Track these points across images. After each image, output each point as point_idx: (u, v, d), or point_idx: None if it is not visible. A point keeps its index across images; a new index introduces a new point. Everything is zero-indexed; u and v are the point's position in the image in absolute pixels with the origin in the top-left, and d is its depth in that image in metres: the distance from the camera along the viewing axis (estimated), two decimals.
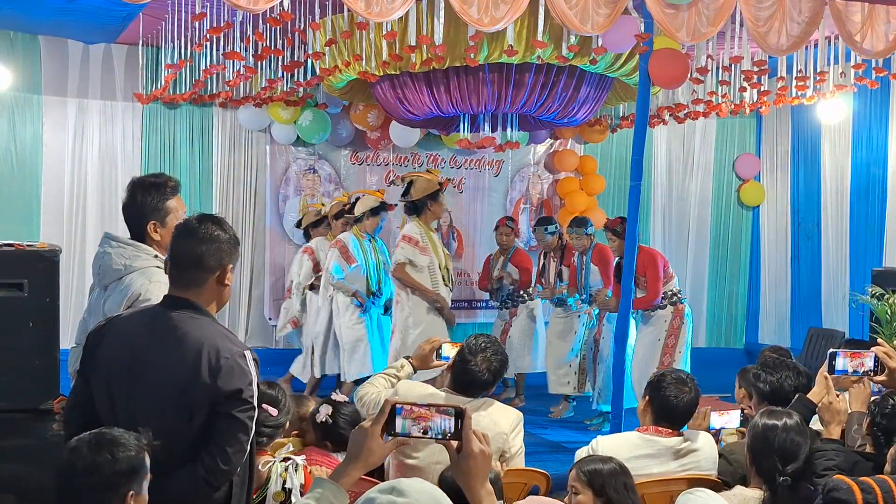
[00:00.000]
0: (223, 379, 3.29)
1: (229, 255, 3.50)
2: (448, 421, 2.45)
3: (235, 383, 3.30)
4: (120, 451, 2.97)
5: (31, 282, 6.48)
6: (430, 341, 5.03)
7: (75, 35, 10.12)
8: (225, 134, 11.10)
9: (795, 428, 4.12)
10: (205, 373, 3.29)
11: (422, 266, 8.77)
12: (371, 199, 9.48)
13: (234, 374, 3.31)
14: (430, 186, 8.88)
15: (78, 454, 2.98)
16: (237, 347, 3.39)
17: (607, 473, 3.87)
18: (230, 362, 3.32)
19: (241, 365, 3.34)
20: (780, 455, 4.08)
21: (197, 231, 3.49)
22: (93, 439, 3.01)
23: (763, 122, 12.63)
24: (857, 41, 7.33)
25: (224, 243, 3.49)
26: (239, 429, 3.30)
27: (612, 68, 8.43)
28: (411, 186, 8.95)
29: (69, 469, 2.98)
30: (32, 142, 10.30)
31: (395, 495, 2.13)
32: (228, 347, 3.35)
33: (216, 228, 3.50)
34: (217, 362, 3.30)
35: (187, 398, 3.31)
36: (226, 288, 3.53)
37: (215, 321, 3.49)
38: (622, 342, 7.58)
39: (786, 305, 12.44)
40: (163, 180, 4.49)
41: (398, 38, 7.44)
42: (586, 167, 12.10)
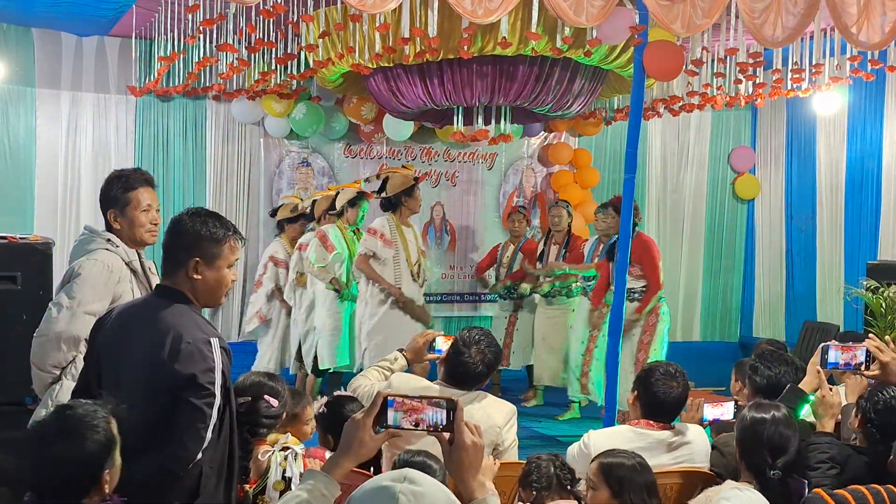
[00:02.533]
0: (181, 363, 3.35)
1: (197, 248, 3.55)
2: (440, 413, 2.46)
3: (191, 368, 3.35)
4: (88, 434, 2.93)
5: (24, 274, 6.49)
6: (423, 334, 5.03)
7: (68, 28, 10.11)
8: (218, 127, 11.10)
9: (784, 421, 4.10)
10: (166, 357, 3.37)
11: (385, 259, 8.74)
12: (349, 191, 9.49)
13: (193, 360, 3.36)
14: (406, 182, 8.87)
15: (47, 444, 2.95)
16: (203, 334, 3.43)
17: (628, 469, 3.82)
18: (190, 347, 3.37)
19: (203, 351, 3.39)
20: (769, 448, 4.06)
21: (173, 224, 3.61)
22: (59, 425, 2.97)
23: (758, 114, 12.63)
24: (852, 33, 7.30)
25: (191, 236, 3.55)
26: (194, 415, 3.33)
27: (606, 60, 8.41)
28: (386, 183, 8.93)
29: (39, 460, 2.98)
30: (26, 134, 10.30)
31: (409, 483, 2.13)
32: (193, 333, 3.41)
33: (191, 222, 3.57)
34: (178, 346, 3.37)
35: (152, 382, 3.40)
36: (195, 281, 3.56)
37: (194, 310, 3.55)
38: (616, 334, 7.55)
39: (780, 299, 12.45)
40: (128, 172, 4.70)
41: (391, 30, 7.42)
42: (580, 160, 12.10)
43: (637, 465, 3.87)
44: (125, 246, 4.56)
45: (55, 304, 4.51)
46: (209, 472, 3.42)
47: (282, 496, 3.67)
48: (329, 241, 9.18)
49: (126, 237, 4.59)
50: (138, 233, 4.60)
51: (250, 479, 4.05)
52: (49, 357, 4.49)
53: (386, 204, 8.95)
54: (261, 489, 4.02)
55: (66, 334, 4.43)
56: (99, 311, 4.26)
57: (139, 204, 4.58)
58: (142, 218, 4.59)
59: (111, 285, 4.46)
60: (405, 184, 8.85)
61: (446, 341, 4.83)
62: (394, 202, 8.85)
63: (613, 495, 3.81)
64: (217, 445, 3.45)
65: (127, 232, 4.59)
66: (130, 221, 4.58)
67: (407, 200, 8.86)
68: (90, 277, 4.45)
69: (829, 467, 4.15)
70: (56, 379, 4.53)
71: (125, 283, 4.51)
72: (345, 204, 9.37)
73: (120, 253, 4.53)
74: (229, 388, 3.55)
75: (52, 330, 4.46)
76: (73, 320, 4.41)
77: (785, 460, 4.05)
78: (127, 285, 4.51)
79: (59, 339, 4.45)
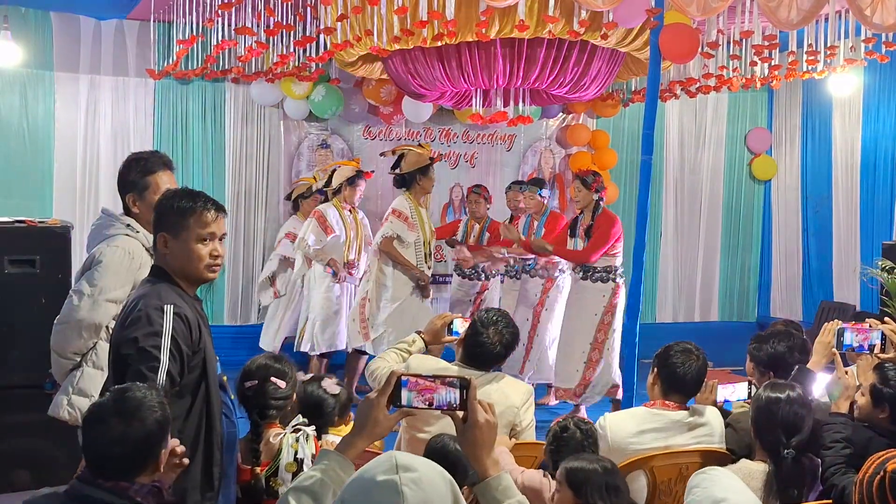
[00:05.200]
0: (128, 328, 3.45)
1: (162, 224, 3.69)
2: (453, 392, 2.49)
3: (134, 331, 3.42)
4: (147, 414, 3.00)
5: (43, 258, 6.51)
6: (441, 316, 5.05)
7: (87, 11, 10.14)
8: (237, 109, 11.10)
9: (798, 400, 4.16)
10: (120, 324, 3.52)
11: (409, 242, 8.74)
12: (347, 169, 9.46)
13: (138, 324, 3.43)
14: (421, 160, 8.85)
15: (106, 425, 2.99)
16: (159, 301, 3.49)
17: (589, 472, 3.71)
18: (139, 312, 3.45)
19: (151, 315, 3.44)
20: (784, 428, 4.11)
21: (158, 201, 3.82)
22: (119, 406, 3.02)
23: (774, 96, 12.60)
24: (867, 15, 7.28)
25: (160, 212, 3.71)
26: (135, 379, 3.28)
27: (623, 43, 8.41)
28: (402, 159, 8.92)
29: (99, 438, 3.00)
30: (44, 118, 10.32)
31: (403, 471, 2.10)
32: (148, 301, 3.49)
33: (161, 198, 3.77)
34: (130, 312, 3.48)
35: (113, 352, 3.55)
36: (167, 255, 3.66)
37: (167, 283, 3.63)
38: (634, 315, 7.56)
39: (797, 279, 12.45)
40: (147, 156, 4.68)
41: (409, 12, 7.44)
42: (598, 141, 12.09)
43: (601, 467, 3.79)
44: (145, 231, 4.54)
45: (76, 291, 4.52)
46: None
47: (294, 477, 3.73)
48: (328, 222, 9.17)
49: (145, 221, 4.54)
50: None
51: (261, 462, 4.08)
52: (70, 344, 4.52)
53: (400, 181, 8.94)
54: (273, 471, 4.04)
55: (86, 322, 4.46)
56: (120, 298, 4.29)
57: (158, 188, 4.53)
58: None
59: (133, 271, 4.46)
60: (420, 162, 8.83)
61: (464, 323, 4.88)
62: (408, 180, 8.85)
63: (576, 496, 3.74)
64: (188, 419, 3.48)
65: (146, 216, 4.53)
66: (150, 205, 4.47)
67: (421, 179, 8.85)
68: (112, 264, 4.46)
69: (842, 447, 4.19)
70: (77, 365, 4.56)
71: (146, 269, 4.41)
72: (343, 182, 9.36)
73: (140, 238, 4.53)
74: (207, 361, 3.59)
75: (73, 317, 4.48)
76: (95, 308, 4.43)
77: (799, 439, 4.10)
78: (147, 271, 4.50)
79: (79, 327, 4.48)
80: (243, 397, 4.25)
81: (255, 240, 11.17)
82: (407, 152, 8.95)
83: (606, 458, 3.90)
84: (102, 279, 4.45)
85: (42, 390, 5.95)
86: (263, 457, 4.10)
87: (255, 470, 4.06)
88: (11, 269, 6.45)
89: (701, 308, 12.86)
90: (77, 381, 4.53)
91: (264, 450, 4.12)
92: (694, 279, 12.78)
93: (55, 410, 4.64)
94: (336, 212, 9.29)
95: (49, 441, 6.15)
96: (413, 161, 8.83)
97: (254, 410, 4.21)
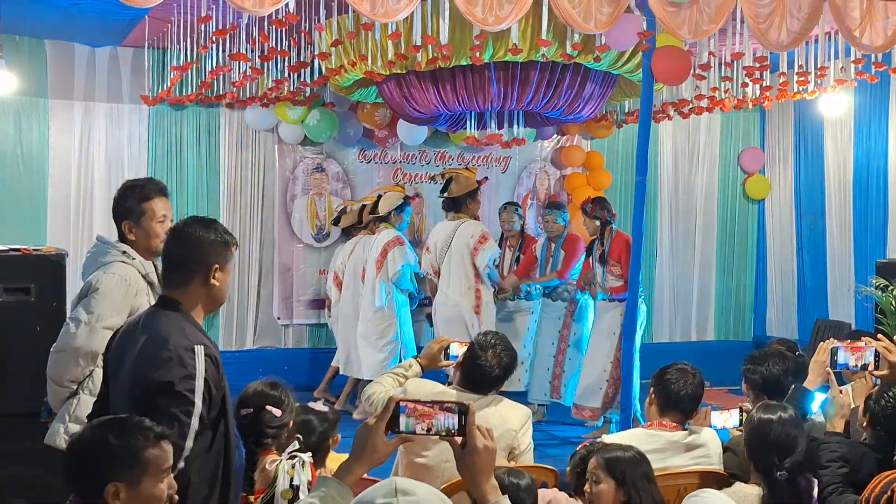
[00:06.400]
0: (159, 371, 3.33)
1: (214, 255, 3.57)
2: (452, 418, 2.48)
3: (168, 375, 3.32)
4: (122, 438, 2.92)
5: (38, 286, 6.51)
6: (438, 340, 5.06)
7: (81, 39, 10.13)
8: (232, 134, 11.09)
9: (791, 421, 4.16)
10: (147, 365, 3.37)
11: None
12: (394, 196, 9.49)
13: (171, 367, 3.33)
14: (470, 184, 9.02)
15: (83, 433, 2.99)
16: (187, 341, 3.40)
17: (628, 461, 3.90)
18: (170, 354, 3.35)
19: (183, 358, 3.35)
20: (777, 449, 4.12)
21: (181, 233, 3.61)
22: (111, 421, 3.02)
23: (766, 116, 12.64)
24: (856, 36, 7.37)
25: (207, 244, 3.56)
26: (169, 424, 3.23)
27: (615, 65, 8.46)
28: (451, 183, 9.00)
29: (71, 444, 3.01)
30: (39, 145, 10.31)
31: (402, 495, 2.13)
32: (177, 341, 3.39)
33: (200, 230, 3.58)
34: (159, 353, 3.36)
35: (136, 390, 3.40)
36: (213, 288, 3.58)
37: (187, 318, 3.53)
38: (630, 336, 7.60)
39: (793, 297, 12.46)
40: (142, 182, 4.67)
41: (403, 37, 7.48)
42: (593, 162, 12.12)
43: (635, 455, 3.93)
44: (141, 257, 4.56)
45: (73, 318, 4.51)
46: (198, 482, 3.35)
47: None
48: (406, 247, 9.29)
49: (141, 248, 4.58)
50: (154, 243, 4.59)
51: (256, 490, 4.06)
52: (67, 372, 4.51)
53: (450, 204, 9.03)
54: (269, 498, 4.02)
55: (84, 349, 4.45)
56: (117, 326, 4.29)
57: (155, 214, 4.57)
58: (157, 228, 4.58)
59: (129, 299, 4.46)
60: (469, 186, 8.99)
61: (461, 347, 4.88)
62: (458, 203, 8.94)
63: (618, 484, 3.87)
64: (208, 456, 3.41)
65: (142, 242, 4.58)
66: (146, 232, 4.58)
67: (470, 203, 9.03)
68: (108, 292, 4.46)
69: (838, 466, 4.20)
70: (73, 393, 4.55)
71: (142, 296, 4.51)
72: (393, 210, 9.40)
73: (136, 265, 4.54)
74: (225, 398, 3.53)
75: (70, 345, 4.47)
76: (92, 335, 4.42)
77: (792, 460, 4.11)
78: (144, 298, 4.51)
79: (76, 354, 4.47)
80: (239, 425, 4.23)
81: (249, 264, 11.15)
82: (455, 176, 9.07)
83: (634, 448, 3.97)
84: (99, 306, 4.45)
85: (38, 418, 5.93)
86: (259, 484, 4.08)
87: (249, 498, 4.03)
88: (6, 297, 6.44)
89: (697, 327, 12.86)
90: (74, 408, 4.52)
91: (259, 477, 4.09)
92: (690, 299, 12.79)
93: (51, 438, 4.63)
94: None
95: (45, 469, 6.11)
96: (463, 185, 8.96)
97: (249, 438, 4.17)
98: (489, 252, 9.03)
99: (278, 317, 11.23)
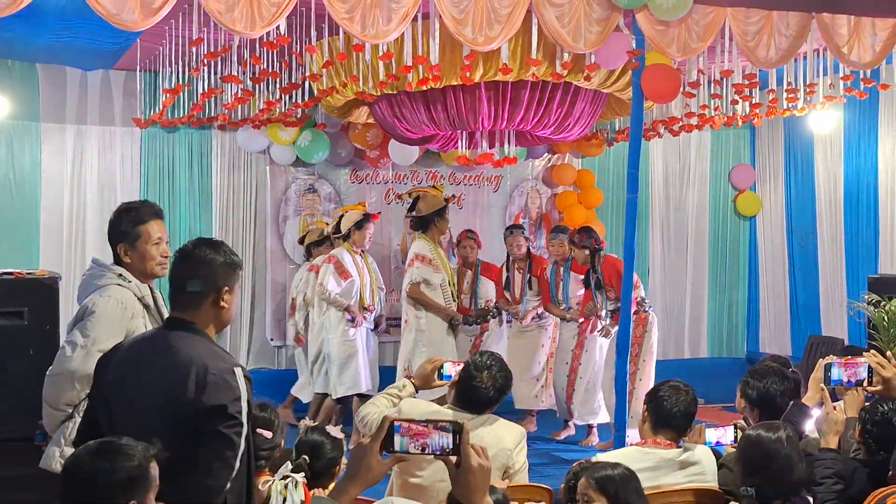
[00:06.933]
0: (208, 395, 3.35)
1: (224, 278, 3.58)
2: (446, 437, 2.48)
3: (220, 398, 3.35)
4: (119, 461, 2.98)
5: (31, 310, 6.50)
6: (431, 361, 5.07)
7: (73, 62, 10.14)
8: (224, 156, 11.10)
9: (787, 440, 4.15)
10: (191, 389, 3.36)
11: (435, 284, 8.87)
12: (354, 214, 9.48)
13: (220, 390, 3.36)
14: (437, 202, 8.97)
15: (78, 462, 3.02)
16: (226, 364, 3.44)
17: (619, 479, 3.90)
18: (216, 378, 3.37)
19: (229, 381, 3.39)
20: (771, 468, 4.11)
21: (191, 255, 3.60)
22: (96, 447, 3.04)
23: (756, 132, 12.68)
24: (844, 53, 7.44)
25: (218, 266, 3.57)
26: (224, 444, 3.32)
27: (605, 84, 8.49)
28: (418, 202, 8.99)
29: (69, 476, 3.03)
30: (31, 169, 10.31)
31: None
32: (216, 364, 3.41)
33: (210, 252, 3.59)
34: (203, 378, 3.36)
35: (176, 414, 3.38)
36: (222, 310, 3.59)
37: (210, 340, 3.55)
38: (623, 354, 7.62)
39: (785, 314, 12.48)
40: (137, 205, 4.67)
41: (394, 58, 7.51)
42: (584, 181, 12.15)
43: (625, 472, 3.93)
44: (137, 280, 4.56)
45: (69, 342, 4.49)
46: (232, 500, 3.41)
47: None
48: (344, 267, 9.17)
49: (137, 271, 4.58)
50: (149, 266, 4.59)
51: None
52: (63, 395, 4.48)
53: (417, 223, 9.02)
54: None
55: (80, 373, 4.41)
56: None
57: (150, 237, 4.57)
58: (153, 251, 4.58)
59: (125, 322, 4.44)
60: (437, 204, 8.96)
61: (454, 367, 4.89)
62: (425, 222, 8.92)
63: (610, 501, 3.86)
64: (239, 475, 3.44)
65: (138, 265, 4.58)
66: (142, 255, 4.57)
67: (438, 221, 8.99)
68: (104, 315, 4.44)
69: (833, 482, 4.21)
70: (69, 416, 4.52)
71: (138, 319, 4.50)
72: (351, 227, 9.38)
73: (132, 288, 4.53)
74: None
75: (66, 368, 4.45)
76: (88, 359, 4.35)
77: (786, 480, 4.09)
78: (140, 321, 4.50)
79: (73, 378, 4.44)
80: None
81: (242, 286, 11.13)
82: (423, 195, 9.06)
83: (622, 464, 3.97)
84: (95, 329, 4.43)
85: (33, 442, 5.91)
86: None
87: None
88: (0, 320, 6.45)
89: (690, 345, 12.86)
90: (69, 432, 4.50)
91: None
92: (682, 316, 12.80)
93: (47, 463, 4.61)
94: (350, 256, 9.30)
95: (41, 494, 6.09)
96: (430, 203, 8.95)
97: None
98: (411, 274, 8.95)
99: (271, 338, 11.23)
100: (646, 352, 8.78)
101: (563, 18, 6.90)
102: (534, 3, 6.85)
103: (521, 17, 6.86)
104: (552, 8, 6.88)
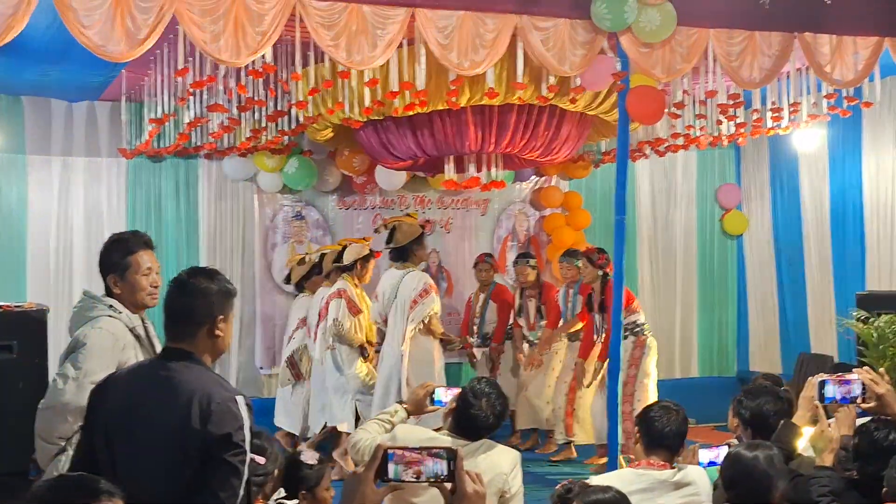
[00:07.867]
0: (214, 424, 3.33)
1: (219, 307, 3.57)
2: (440, 464, 2.48)
3: (225, 428, 3.34)
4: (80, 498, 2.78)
5: (20, 343, 6.49)
6: (423, 386, 5.04)
7: (58, 94, 10.15)
8: (211, 185, 11.08)
9: (771, 459, 4.13)
10: (195, 419, 3.34)
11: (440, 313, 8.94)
12: (359, 247, 9.39)
13: (225, 419, 3.35)
14: (414, 230, 8.93)
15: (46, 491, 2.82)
16: (229, 393, 3.43)
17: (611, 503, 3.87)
18: (221, 407, 3.36)
19: (233, 410, 3.38)
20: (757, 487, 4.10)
21: (185, 285, 3.58)
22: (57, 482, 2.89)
23: (742, 152, 12.71)
24: (827, 72, 7.50)
25: (213, 296, 3.56)
26: (230, 473, 3.32)
27: (591, 106, 8.53)
28: (395, 232, 8.96)
29: None
30: (18, 202, 10.28)
31: None
32: (220, 393, 3.40)
33: (205, 281, 3.58)
34: (208, 408, 3.35)
35: (180, 445, 3.35)
36: (218, 339, 3.57)
37: (208, 369, 3.54)
38: (615, 375, 7.62)
39: (774, 332, 12.49)
40: (127, 236, 4.66)
41: (380, 84, 7.53)
42: (571, 203, 12.17)
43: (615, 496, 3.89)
44: (128, 311, 4.54)
45: (61, 374, 4.45)
46: None
47: None
48: (354, 302, 9.07)
49: (128, 301, 4.56)
50: (140, 296, 4.57)
51: None
52: (55, 429, 4.44)
53: (397, 254, 8.99)
54: None
55: (72, 405, 4.35)
56: None
57: (140, 267, 4.55)
58: (143, 282, 4.56)
59: (116, 353, 4.41)
60: (414, 233, 8.93)
61: (447, 392, 4.88)
62: (405, 252, 8.91)
63: None
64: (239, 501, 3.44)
65: (128, 296, 4.56)
66: (132, 286, 4.55)
67: (417, 249, 8.96)
68: (96, 347, 4.41)
69: (829, 501, 4.20)
70: (62, 450, 4.47)
71: (129, 351, 4.47)
72: (359, 260, 9.30)
73: (123, 319, 4.51)
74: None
75: (58, 401, 4.41)
76: (80, 391, 4.30)
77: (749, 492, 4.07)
78: (131, 352, 4.47)
79: (65, 411, 4.39)
80: None
81: None
82: (398, 224, 9.01)
83: (613, 488, 3.94)
84: (87, 362, 4.40)
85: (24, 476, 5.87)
86: None
87: None
88: None
89: (681, 364, 12.85)
90: (62, 465, 4.48)
91: None
92: (672, 336, 12.79)
93: None
94: (353, 290, 9.19)
95: None
96: (407, 232, 8.90)
97: None
98: (429, 305, 8.91)
99: (261, 366, 11.20)
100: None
101: (548, 42, 6.95)
102: (518, 27, 6.89)
103: (507, 41, 6.90)
104: (537, 32, 6.93)
